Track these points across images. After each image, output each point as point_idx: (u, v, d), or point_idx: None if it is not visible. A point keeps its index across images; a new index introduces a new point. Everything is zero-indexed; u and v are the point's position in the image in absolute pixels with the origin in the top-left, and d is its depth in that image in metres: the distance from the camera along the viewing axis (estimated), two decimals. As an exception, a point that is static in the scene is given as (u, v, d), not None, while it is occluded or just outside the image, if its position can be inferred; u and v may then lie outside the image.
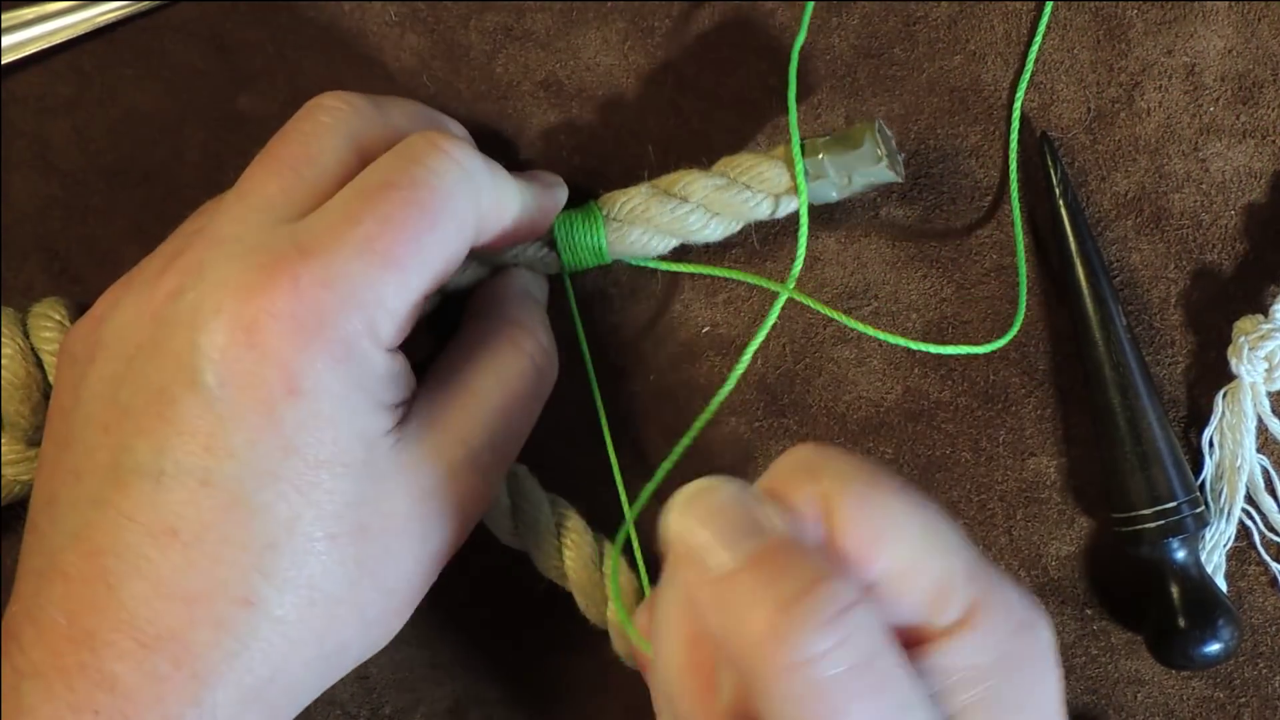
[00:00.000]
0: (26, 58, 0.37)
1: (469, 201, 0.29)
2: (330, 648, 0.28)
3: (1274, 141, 0.38)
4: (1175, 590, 0.35)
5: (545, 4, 0.38)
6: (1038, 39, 0.37)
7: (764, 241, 0.38)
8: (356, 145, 0.30)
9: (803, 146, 0.34)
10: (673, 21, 0.38)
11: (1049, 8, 0.37)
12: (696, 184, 0.35)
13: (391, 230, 0.27)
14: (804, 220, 0.34)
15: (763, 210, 0.35)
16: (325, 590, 0.28)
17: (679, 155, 0.38)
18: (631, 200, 0.35)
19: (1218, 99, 0.38)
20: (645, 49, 0.38)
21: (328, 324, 0.27)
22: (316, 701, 0.38)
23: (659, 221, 0.35)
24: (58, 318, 0.34)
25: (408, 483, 0.29)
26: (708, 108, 0.38)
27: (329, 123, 0.30)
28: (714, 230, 0.35)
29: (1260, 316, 0.36)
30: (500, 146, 0.38)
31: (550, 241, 0.35)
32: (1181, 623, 0.35)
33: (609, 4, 0.38)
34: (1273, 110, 0.38)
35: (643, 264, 0.37)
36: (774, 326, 0.38)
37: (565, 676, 0.38)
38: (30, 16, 0.37)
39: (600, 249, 0.35)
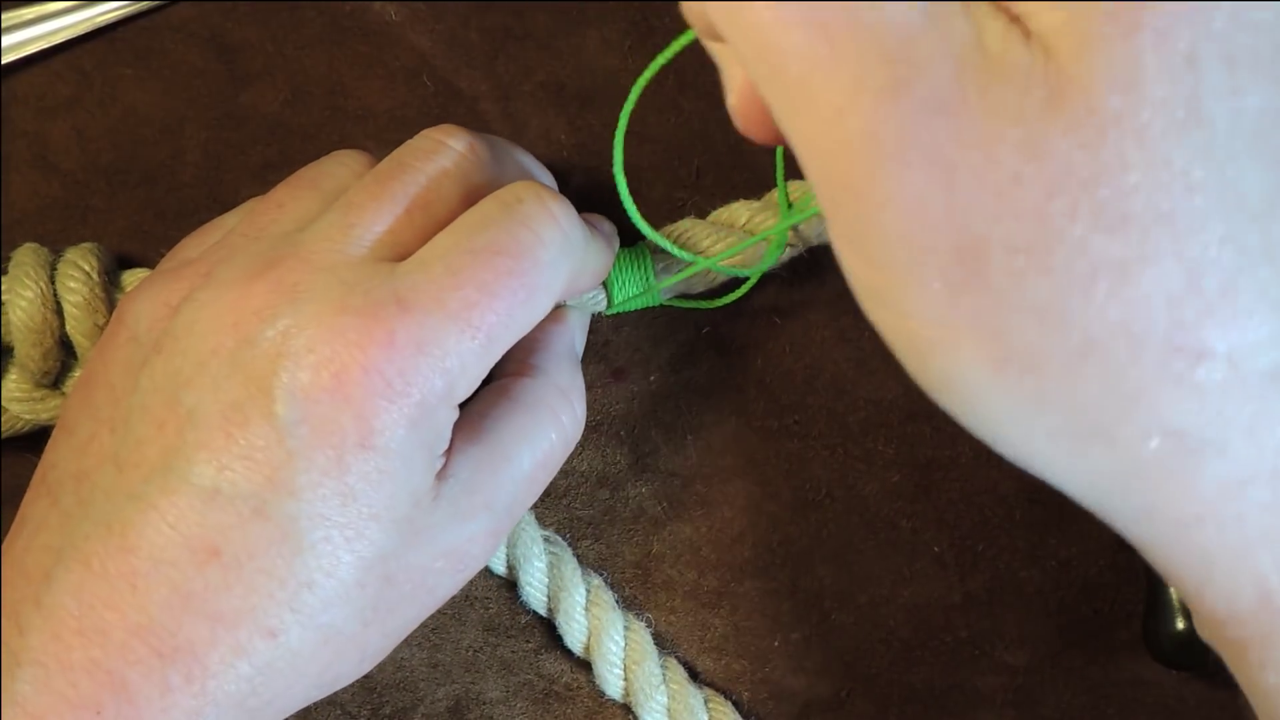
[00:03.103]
0: (26, 57, 0.37)
1: (565, 272, 0.30)
2: (327, 679, 0.29)
3: (1274, 142, 0.38)
4: (1174, 590, 0.35)
5: (545, 4, 0.38)
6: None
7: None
8: (470, 196, 0.30)
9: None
10: (673, 21, 0.38)
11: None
12: (740, 210, 0.35)
13: (491, 301, 0.28)
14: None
15: (817, 231, 0.36)
16: (341, 631, 0.28)
17: (680, 155, 0.38)
18: (677, 230, 0.35)
19: (1218, 99, 0.38)
20: (646, 49, 0.38)
21: (413, 386, 0.27)
22: (316, 702, 0.38)
23: (709, 253, 0.35)
24: (86, 268, 0.34)
25: (435, 539, 0.29)
26: (708, 108, 0.38)
27: (451, 169, 0.30)
28: (758, 254, 0.35)
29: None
30: (500, 146, 0.38)
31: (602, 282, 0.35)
32: (1180, 623, 0.35)
33: (609, 4, 0.38)
34: (1273, 110, 0.38)
35: (693, 305, 0.37)
36: (774, 326, 0.38)
37: (565, 677, 0.38)
38: (30, 16, 0.37)
39: (649, 281, 0.35)
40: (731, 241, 0.35)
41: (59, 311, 0.34)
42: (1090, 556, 0.38)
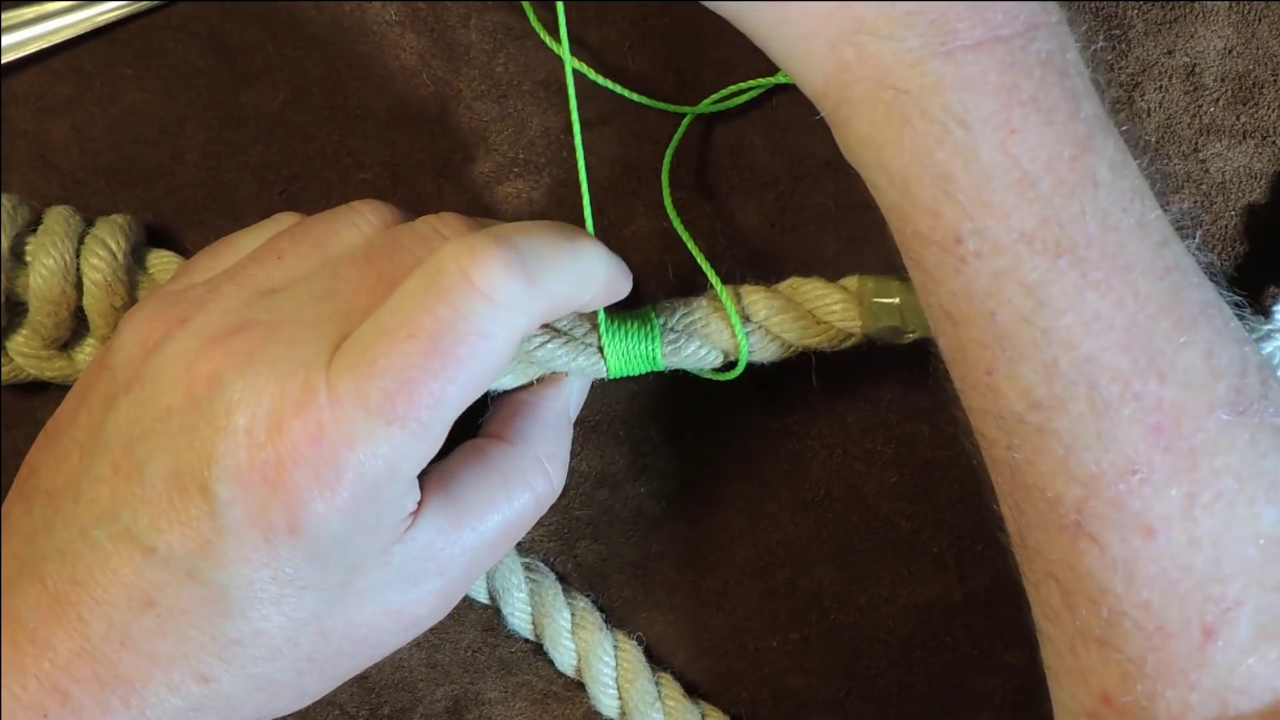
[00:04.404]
0: (26, 57, 0.37)
1: (506, 333, 0.28)
2: (265, 714, 0.30)
3: (1274, 142, 0.38)
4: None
5: (546, 3, 0.38)
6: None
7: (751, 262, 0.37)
8: None
9: (878, 286, 0.34)
10: (673, 21, 0.38)
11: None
12: (760, 304, 0.34)
13: (411, 389, 0.27)
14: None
15: (823, 341, 0.34)
16: (274, 680, 0.29)
17: (679, 155, 0.38)
18: (692, 314, 0.34)
19: (1217, 99, 0.38)
20: (645, 49, 0.38)
21: (343, 479, 0.27)
22: (315, 702, 0.38)
23: (717, 338, 0.34)
24: (113, 247, 0.34)
25: (378, 600, 0.30)
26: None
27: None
28: (770, 352, 0.35)
29: (1260, 317, 0.36)
30: (500, 147, 0.38)
31: (602, 347, 0.34)
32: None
33: (609, 4, 0.38)
34: (1273, 111, 0.38)
35: (697, 372, 0.36)
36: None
37: (564, 677, 0.38)
38: (30, 16, 0.37)
39: (654, 358, 0.34)
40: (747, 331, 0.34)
41: (78, 285, 0.34)
42: (1090, 557, 0.37)
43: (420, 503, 0.29)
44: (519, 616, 0.36)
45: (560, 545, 0.38)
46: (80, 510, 0.28)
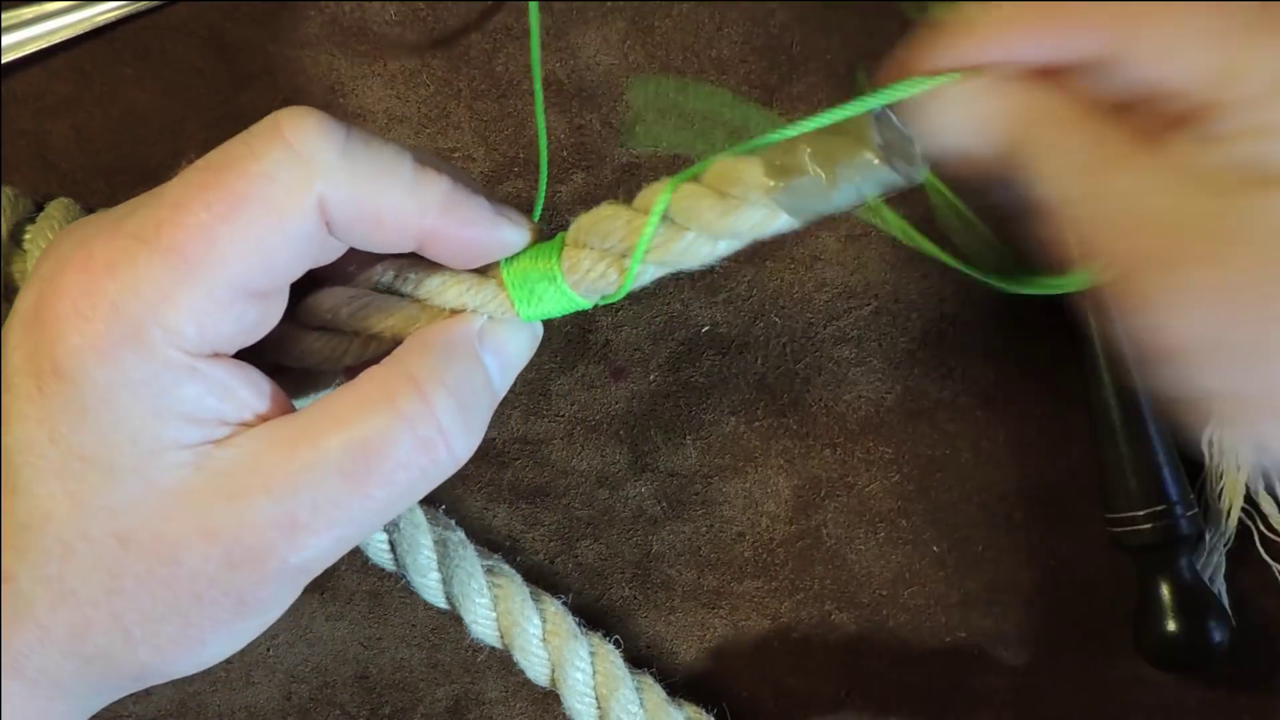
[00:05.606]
0: (26, 57, 0.37)
1: (295, 190, 0.26)
2: (90, 652, 0.27)
3: (1274, 141, 0.38)
4: (1167, 592, 0.35)
5: (545, 3, 0.38)
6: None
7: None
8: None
9: (785, 142, 0.26)
10: (673, 21, 0.38)
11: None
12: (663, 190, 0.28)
13: (180, 216, 0.26)
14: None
15: (732, 222, 0.27)
16: (77, 591, 0.27)
17: (678, 156, 0.38)
18: (597, 214, 0.29)
19: (1218, 99, 0.38)
20: (645, 49, 0.38)
21: (99, 306, 0.26)
22: (316, 702, 0.38)
23: (619, 235, 0.28)
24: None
25: (192, 511, 0.26)
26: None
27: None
28: (677, 250, 0.28)
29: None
30: (500, 147, 0.38)
31: (500, 276, 0.29)
32: (1172, 625, 0.35)
33: (609, 4, 0.38)
34: (1273, 110, 0.38)
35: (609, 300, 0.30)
36: (774, 326, 0.38)
37: (565, 676, 0.38)
38: (30, 16, 0.37)
39: (554, 274, 0.29)
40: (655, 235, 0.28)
41: None
42: (1089, 556, 0.37)
43: (263, 417, 0.27)
44: (483, 625, 0.34)
45: (560, 545, 0.38)
46: None
